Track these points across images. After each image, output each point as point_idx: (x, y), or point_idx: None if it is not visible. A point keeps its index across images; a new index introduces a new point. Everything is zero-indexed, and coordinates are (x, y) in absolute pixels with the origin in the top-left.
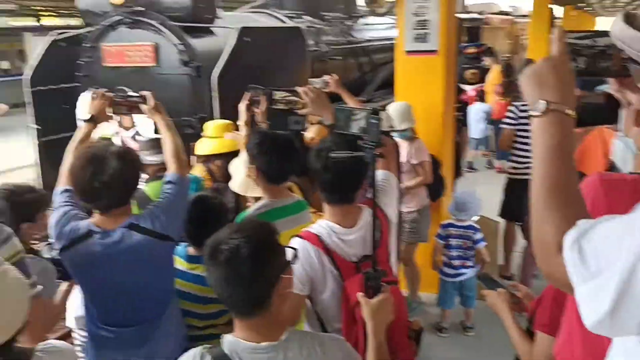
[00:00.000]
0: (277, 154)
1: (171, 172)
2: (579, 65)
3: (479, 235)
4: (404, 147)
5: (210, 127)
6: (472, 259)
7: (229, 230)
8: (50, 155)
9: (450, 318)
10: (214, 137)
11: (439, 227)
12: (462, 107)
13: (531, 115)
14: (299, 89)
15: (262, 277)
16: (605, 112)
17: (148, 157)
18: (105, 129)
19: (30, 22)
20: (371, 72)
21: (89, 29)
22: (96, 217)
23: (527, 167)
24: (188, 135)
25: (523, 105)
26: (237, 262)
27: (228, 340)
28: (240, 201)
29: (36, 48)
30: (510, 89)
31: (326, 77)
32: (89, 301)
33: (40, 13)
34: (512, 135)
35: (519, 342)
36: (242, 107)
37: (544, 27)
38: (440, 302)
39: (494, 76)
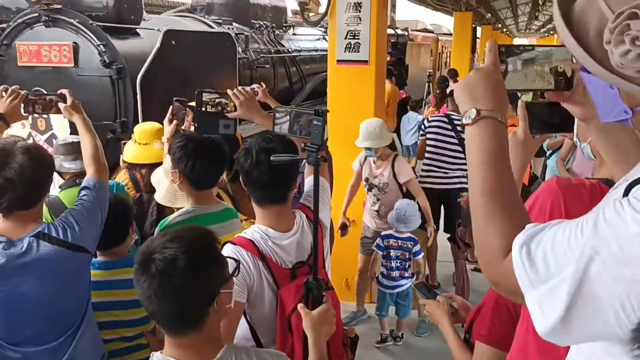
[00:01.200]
0: (201, 158)
1: (89, 176)
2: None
3: (417, 247)
4: (379, 166)
5: (140, 131)
6: (409, 270)
7: (163, 238)
8: None
9: (385, 327)
10: (143, 144)
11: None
12: None
13: (464, 124)
14: (229, 92)
15: (199, 291)
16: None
17: (65, 164)
18: (17, 132)
19: None
20: (300, 82)
21: (1, 26)
22: (0, 225)
23: (429, 177)
24: (109, 140)
25: (433, 117)
26: (172, 274)
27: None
28: (165, 213)
29: None
30: (443, 101)
31: (254, 86)
32: None
33: None
34: (425, 146)
35: (458, 352)
36: (165, 122)
37: (466, 45)
38: (379, 311)
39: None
